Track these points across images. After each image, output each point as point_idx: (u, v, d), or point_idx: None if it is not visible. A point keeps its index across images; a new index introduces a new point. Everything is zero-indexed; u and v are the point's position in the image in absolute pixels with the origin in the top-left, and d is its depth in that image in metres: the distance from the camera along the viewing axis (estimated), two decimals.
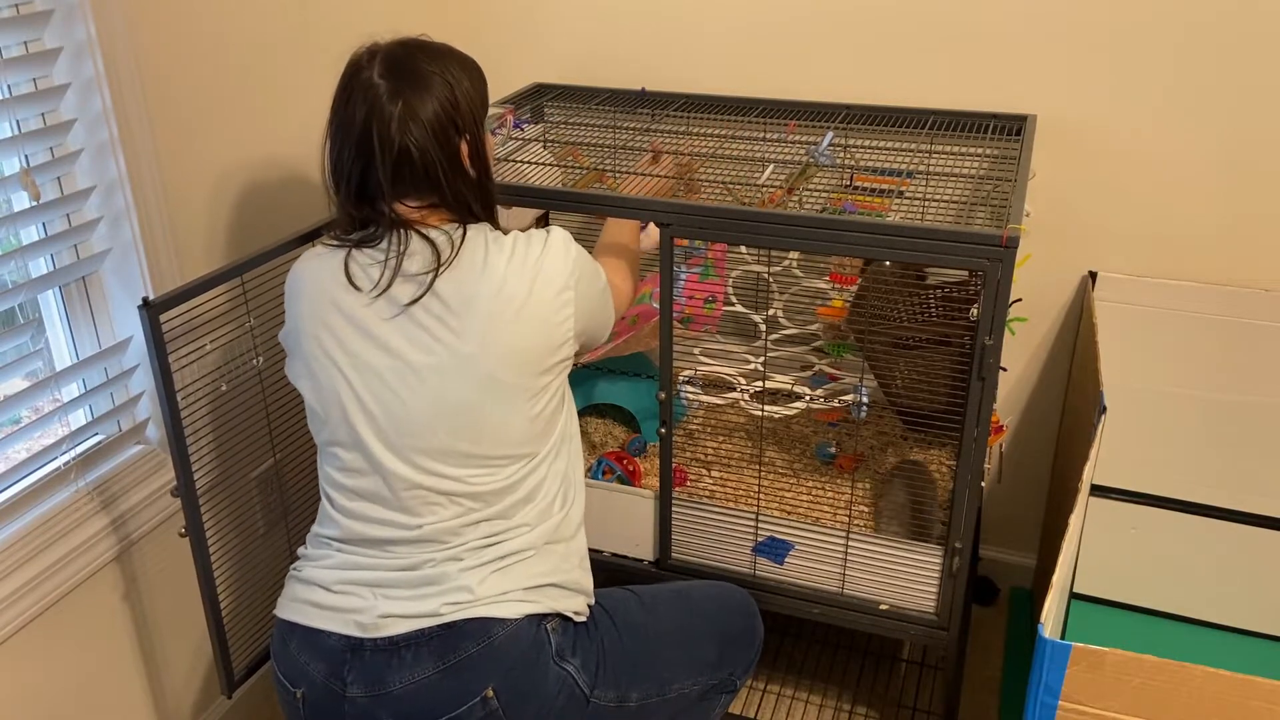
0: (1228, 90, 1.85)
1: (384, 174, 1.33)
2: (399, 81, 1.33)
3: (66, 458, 1.62)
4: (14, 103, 1.48)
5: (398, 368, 1.35)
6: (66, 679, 1.62)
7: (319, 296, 1.39)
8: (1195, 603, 2.06)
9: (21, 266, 1.54)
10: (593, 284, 1.46)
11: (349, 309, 1.36)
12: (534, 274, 1.37)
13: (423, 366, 1.34)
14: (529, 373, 1.38)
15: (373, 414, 1.37)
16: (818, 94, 2.07)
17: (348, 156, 1.35)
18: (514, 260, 1.37)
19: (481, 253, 1.37)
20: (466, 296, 1.34)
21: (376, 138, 1.32)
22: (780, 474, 1.92)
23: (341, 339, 1.37)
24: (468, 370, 1.34)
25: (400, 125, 1.31)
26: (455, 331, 1.34)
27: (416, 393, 1.35)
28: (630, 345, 1.90)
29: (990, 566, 2.32)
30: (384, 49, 1.37)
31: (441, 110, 1.33)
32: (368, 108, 1.32)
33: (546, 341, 1.39)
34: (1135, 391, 1.97)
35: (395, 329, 1.35)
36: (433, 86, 1.33)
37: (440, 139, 1.33)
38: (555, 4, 2.19)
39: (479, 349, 1.34)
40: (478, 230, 1.39)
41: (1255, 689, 1.12)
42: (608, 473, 1.91)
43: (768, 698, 2.03)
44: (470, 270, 1.35)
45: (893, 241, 1.47)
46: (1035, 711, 1.21)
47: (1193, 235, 1.95)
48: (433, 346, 1.34)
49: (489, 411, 1.36)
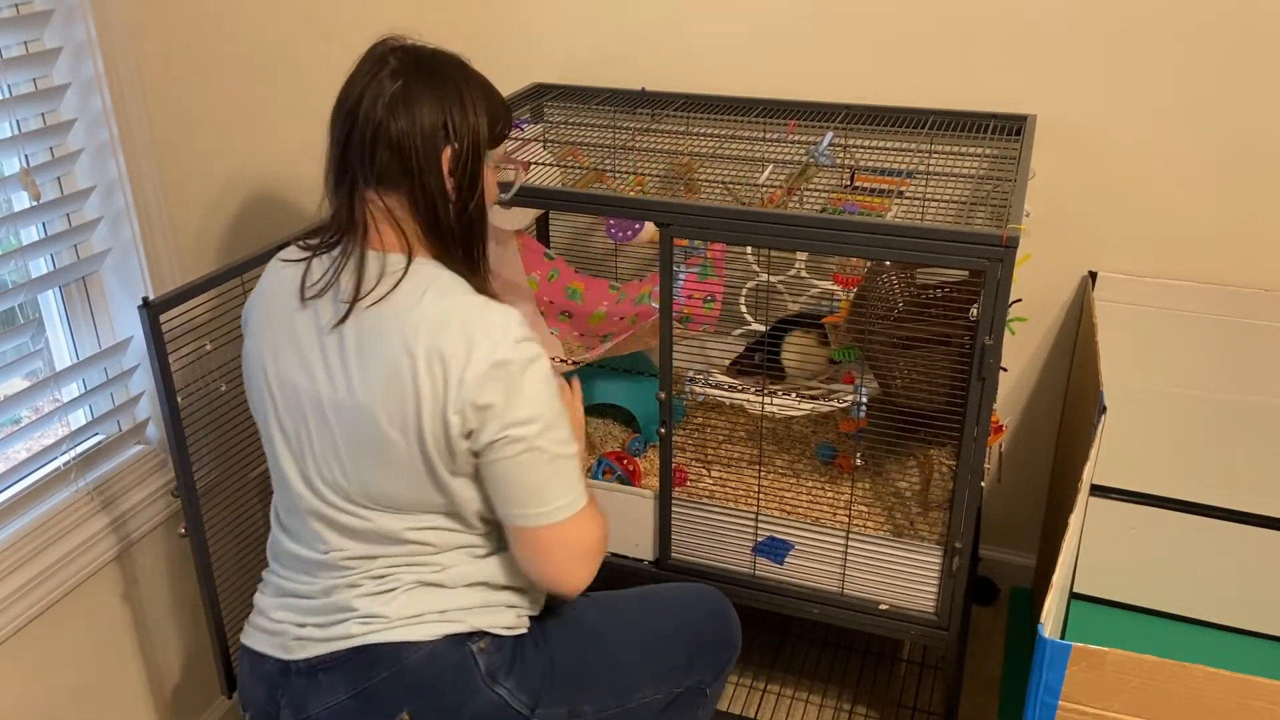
0: (1228, 91, 1.85)
1: (359, 149, 1.25)
2: (411, 67, 1.26)
3: (66, 458, 1.62)
4: (14, 103, 1.48)
5: (311, 392, 1.28)
6: (67, 679, 1.62)
7: (271, 303, 1.33)
8: (1195, 603, 2.06)
9: (21, 266, 1.54)
10: (550, 445, 1.26)
11: (289, 316, 1.30)
12: (458, 384, 1.21)
13: (327, 400, 1.27)
14: (425, 456, 1.26)
15: (287, 433, 1.32)
16: (818, 94, 2.07)
17: (336, 125, 1.28)
18: (447, 337, 1.22)
19: (418, 294, 1.24)
20: (375, 341, 1.24)
21: (363, 110, 1.24)
22: (780, 474, 1.92)
23: (277, 349, 1.31)
24: (363, 419, 1.25)
25: (390, 104, 1.23)
26: (357, 374, 1.25)
27: (320, 424, 1.28)
28: (630, 344, 1.90)
29: (990, 566, 2.32)
30: (416, 44, 1.31)
31: (440, 106, 1.25)
32: (368, 80, 1.26)
33: (440, 449, 1.25)
34: (1135, 391, 1.97)
35: (316, 350, 1.27)
36: (442, 84, 1.26)
37: (425, 130, 1.24)
38: (555, 4, 2.19)
39: (373, 403, 1.24)
40: (432, 269, 1.27)
41: (1255, 689, 1.12)
42: (608, 473, 1.91)
43: (768, 698, 2.03)
44: (392, 313, 1.24)
45: (893, 241, 1.47)
46: (1035, 711, 1.21)
47: (1193, 235, 1.95)
48: (337, 381, 1.26)
49: (385, 470, 1.27)
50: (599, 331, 2.11)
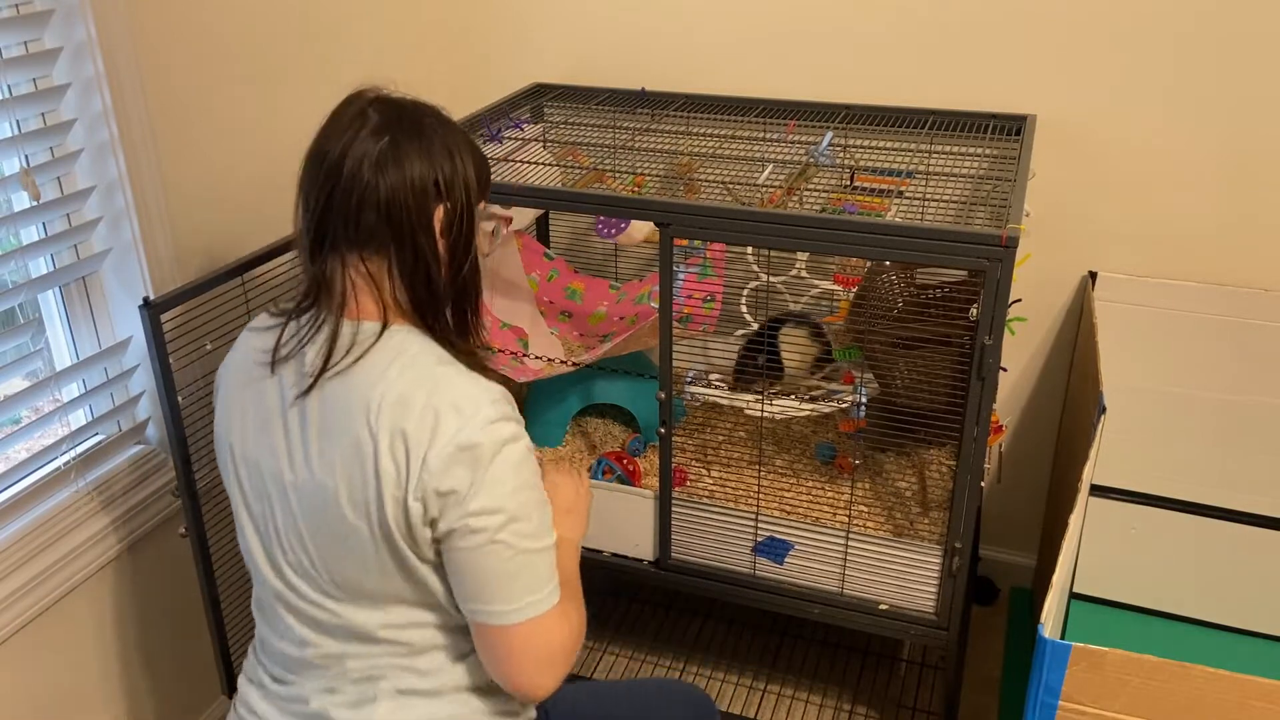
0: (1228, 90, 1.85)
1: (342, 211, 1.14)
2: (393, 121, 1.16)
3: (66, 458, 1.62)
4: (14, 103, 1.48)
5: (274, 471, 1.19)
6: (67, 678, 1.62)
7: (238, 374, 1.25)
8: (1195, 603, 2.06)
9: (21, 266, 1.54)
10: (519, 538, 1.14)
11: (256, 387, 1.21)
12: (420, 465, 1.11)
13: (289, 481, 1.18)
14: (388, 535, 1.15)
15: (254, 516, 1.22)
16: (818, 94, 2.07)
17: (313, 185, 1.16)
18: (412, 415, 1.11)
19: (384, 365, 1.14)
20: (337, 416, 1.14)
21: (347, 168, 1.13)
22: (780, 474, 1.92)
23: (244, 423, 1.22)
24: (325, 502, 1.15)
25: (377, 163, 1.13)
26: (317, 452, 1.15)
27: (284, 507, 1.19)
28: (630, 344, 1.90)
29: (990, 566, 2.32)
30: (393, 95, 1.21)
31: (429, 163, 1.15)
32: (349, 136, 1.15)
33: (401, 527, 1.15)
34: (1135, 391, 1.97)
35: (280, 425, 1.18)
36: (430, 144, 1.16)
37: (416, 189, 1.14)
38: (555, 4, 2.19)
39: (334, 484, 1.14)
40: (405, 337, 1.17)
41: (1255, 689, 1.12)
42: (608, 473, 1.91)
43: (768, 698, 2.03)
44: (356, 385, 1.14)
45: (893, 241, 1.47)
46: (1035, 711, 1.21)
47: (1193, 235, 1.95)
48: (297, 459, 1.17)
49: (351, 557, 1.17)
50: (599, 331, 2.11)
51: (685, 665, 2.11)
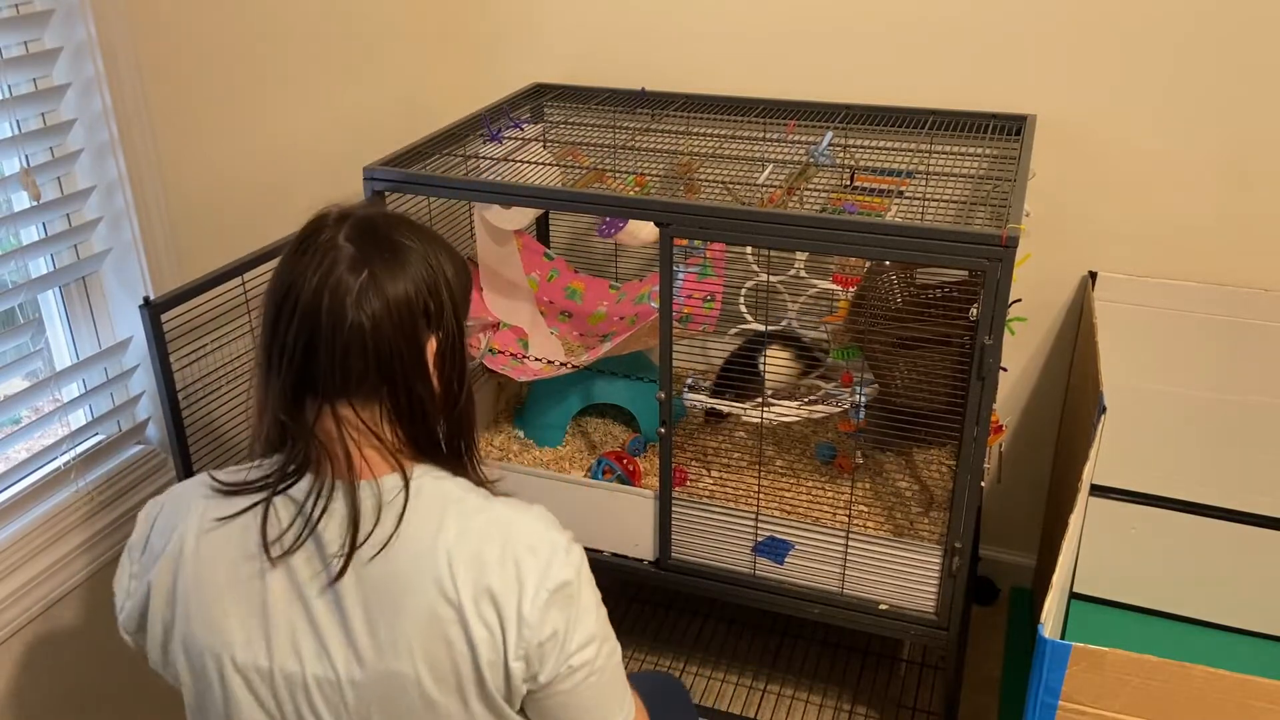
0: (1227, 90, 1.85)
1: (328, 357, 1.01)
2: (369, 249, 1.03)
3: (66, 458, 1.62)
4: (14, 103, 1.48)
5: (313, 676, 1.03)
6: (66, 679, 1.62)
7: (213, 574, 1.05)
8: (1195, 603, 2.06)
9: (21, 266, 1.54)
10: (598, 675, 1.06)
11: (251, 584, 1.04)
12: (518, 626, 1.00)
13: (343, 680, 1.02)
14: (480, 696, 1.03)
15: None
16: (818, 94, 2.07)
17: (288, 330, 1.02)
18: (493, 571, 1.00)
19: (435, 523, 1.02)
20: (394, 593, 1.01)
21: (326, 310, 1.00)
22: (780, 474, 1.92)
23: (246, 631, 1.04)
24: (399, 690, 1.01)
25: (359, 299, 1.00)
26: (382, 636, 1.01)
27: (332, 710, 1.04)
28: (629, 344, 1.90)
29: (990, 566, 2.32)
30: (358, 211, 1.07)
31: (415, 293, 1.03)
32: (324, 273, 1.01)
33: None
34: (1135, 391, 1.97)
35: (304, 621, 1.03)
36: (409, 264, 1.04)
37: (405, 326, 1.03)
38: (555, 4, 2.19)
39: (411, 668, 1.01)
40: (435, 483, 1.05)
41: (1255, 689, 1.12)
42: (608, 473, 1.91)
43: (768, 698, 2.03)
44: (409, 555, 1.01)
45: (892, 241, 1.47)
46: (1035, 711, 1.21)
47: (1193, 235, 1.95)
48: (342, 654, 1.02)
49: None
50: (599, 331, 2.11)
51: (685, 665, 2.11)
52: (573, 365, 1.92)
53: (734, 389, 1.83)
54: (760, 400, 1.78)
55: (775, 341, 1.87)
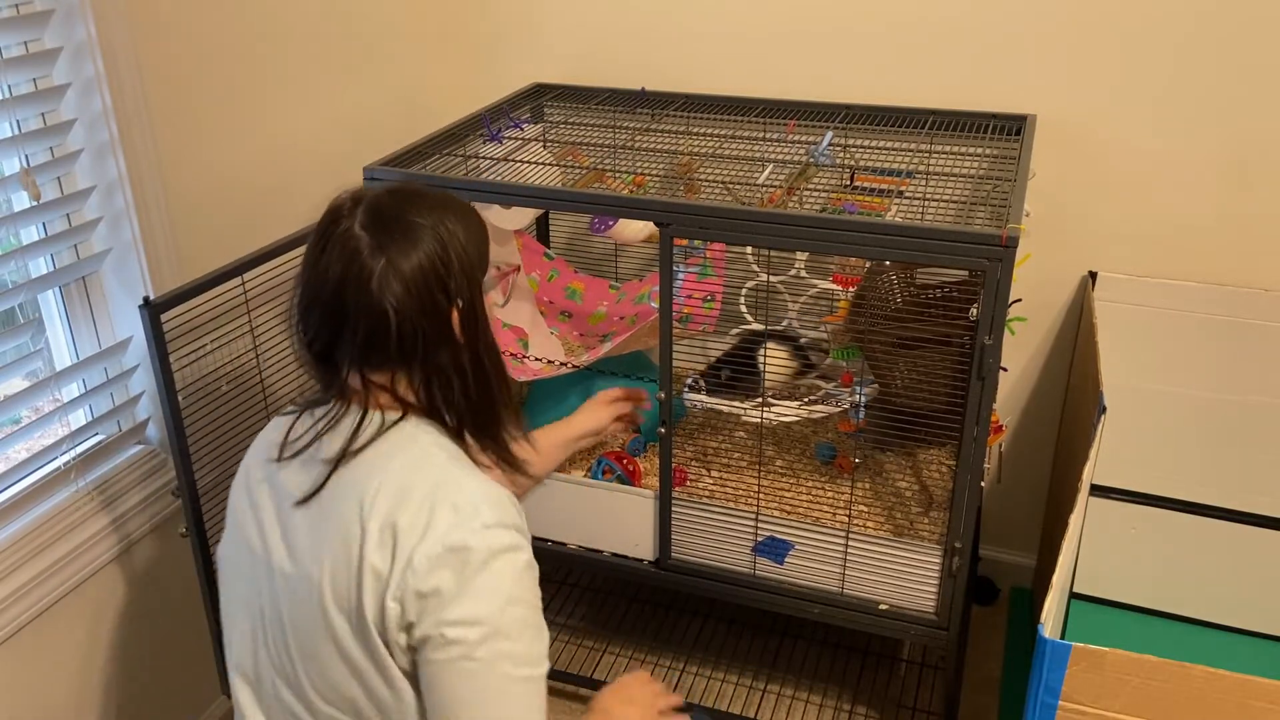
0: (1227, 90, 1.85)
1: (354, 340, 1.10)
2: (383, 235, 1.10)
3: (66, 458, 1.62)
4: (14, 103, 1.48)
5: (265, 562, 1.15)
6: (66, 678, 1.62)
7: (255, 457, 1.21)
8: (1195, 603, 2.06)
9: (21, 266, 1.54)
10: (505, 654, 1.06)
11: (264, 471, 1.18)
12: (407, 561, 1.05)
13: (278, 570, 1.13)
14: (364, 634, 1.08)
15: (250, 611, 1.17)
16: (818, 94, 2.07)
17: (316, 317, 1.12)
18: (407, 509, 1.07)
19: (389, 454, 1.11)
20: (332, 504, 1.10)
21: (352, 299, 1.09)
22: (780, 474, 1.92)
23: (253, 508, 1.18)
24: (308, 595, 1.10)
25: (380, 283, 1.08)
26: (309, 541, 1.11)
27: (271, 601, 1.14)
28: (629, 344, 1.90)
29: (990, 566, 2.32)
30: (369, 197, 1.14)
31: (429, 268, 1.10)
32: (344, 263, 1.09)
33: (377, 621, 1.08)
34: (1135, 391, 1.97)
35: (275, 514, 1.15)
36: (422, 241, 1.10)
37: (426, 305, 1.10)
38: (555, 4, 2.19)
39: (319, 576, 1.09)
40: (418, 430, 1.13)
41: (1255, 689, 1.12)
42: (608, 473, 1.91)
43: (768, 698, 2.03)
44: (356, 475, 1.10)
45: (892, 241, 1.47)
46: (1035, 711, 1.21)
47: (1193, 235, 1.95)
48: (280, 549, 1.13)
49: (329, 658, 1.10)
50: (599, 331, 2.11)
51: (685, 665, 2.11)
52: (573, 365, 1.92)
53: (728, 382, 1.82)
54: (761, 401, 1.78)
55: (772, 340, 1.87)
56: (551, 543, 1.90)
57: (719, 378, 1.82)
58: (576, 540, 1.89)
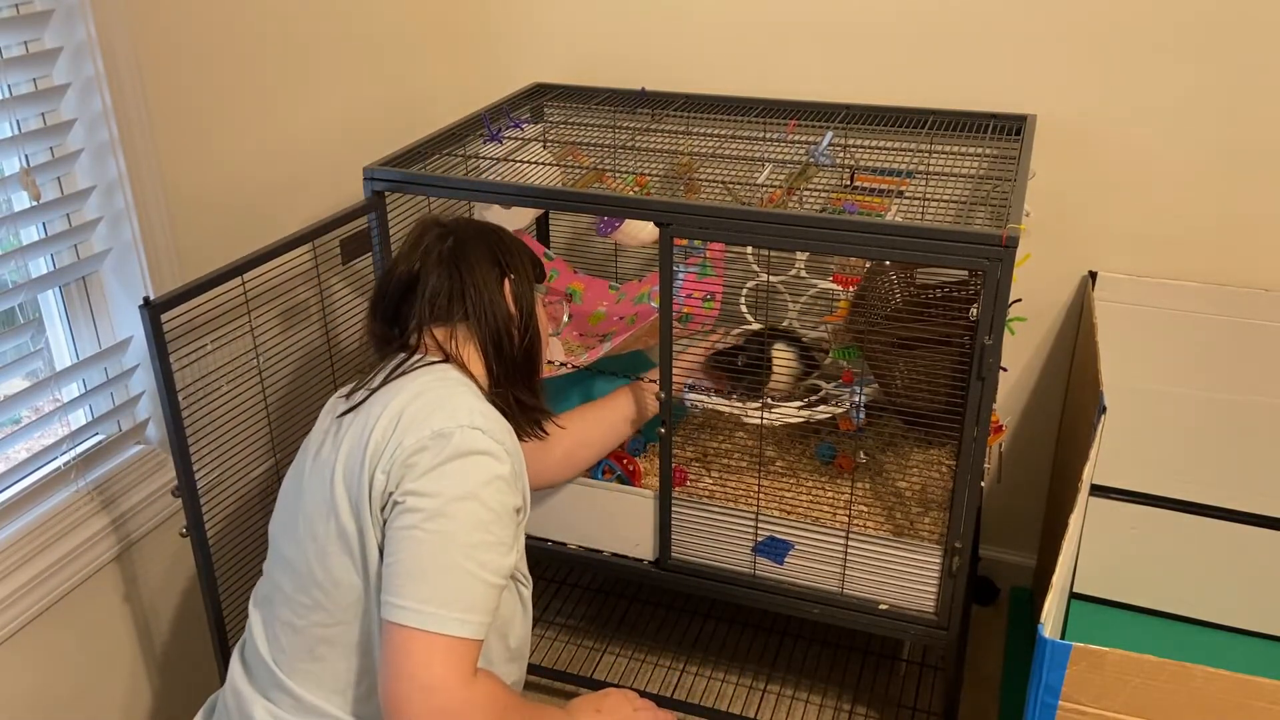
0: (1227, 90, 1.85)
1: (423, 296, 1.36)
2: (454, 231, 1.40)
3: (66, 458, 1.62)
4: (14, 103, 1.48)
5: (305, 469, 1.35)
6: (67, 678, 1.62)
7: (318, 425, 1.40)
8: (1195, 603, 2.06)
9: (21, 266, 1.54)
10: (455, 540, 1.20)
11: (328, 428, 1.36)
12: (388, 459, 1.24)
13: (312, 467, 1.32)
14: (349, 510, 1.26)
15: (280, 524, 1.37)
16: (818, 94, 2.07)
17: (394, 285, 1.39)
18: (415, 406, 1.26)
19: (414, 382, 1.30)
20: (368, 409, 1.30)
21: (421, 270, 1.37)
22: (780, 474, 1.92)
23: (318, 448, 1.35)
24: (324, 478, 1.29)
25: (449, 257, 1.37)
26: (343, 440, 1.29)
27: (301, 496, 1.32)
28: (628, 344, 1.90)
29: (990, 566, 2.32)
30: (462, 224, 1.44)
31: (492, 252, 1.40)
32: (420, 251, 1.39)
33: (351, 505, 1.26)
34: (1135, 391, 1.97)
35: (334, 434, 1.33)
36: (487, 240, 1.41)
37: (484, 266, 1.38)
38: (555, 4, 2.19)
39: (336, 458, 1.28)
40: (449, 369, 1.34)
41: (1255, 689, 1.12)
42: (607, 473, 1.91)
43: (768, 698, 2.03)
44: (392, 390, 1.30)
45: (892, 241, 1.47)
46: (1035, 711, 1.21)
47: (1193, 235, 1.95)
48: (328, 450, 1.31)
49: (324, 537, 1.27)
50: (599, 331, 2.11)
51: (685, 665, 2.11)
52: (573, 365, 1.92)
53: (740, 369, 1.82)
54: (762, 402, 1.78)
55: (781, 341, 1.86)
56: (551, 543, 1.90)
57: (734, 363, 1.81)
58: (576, 540, 1.89)
